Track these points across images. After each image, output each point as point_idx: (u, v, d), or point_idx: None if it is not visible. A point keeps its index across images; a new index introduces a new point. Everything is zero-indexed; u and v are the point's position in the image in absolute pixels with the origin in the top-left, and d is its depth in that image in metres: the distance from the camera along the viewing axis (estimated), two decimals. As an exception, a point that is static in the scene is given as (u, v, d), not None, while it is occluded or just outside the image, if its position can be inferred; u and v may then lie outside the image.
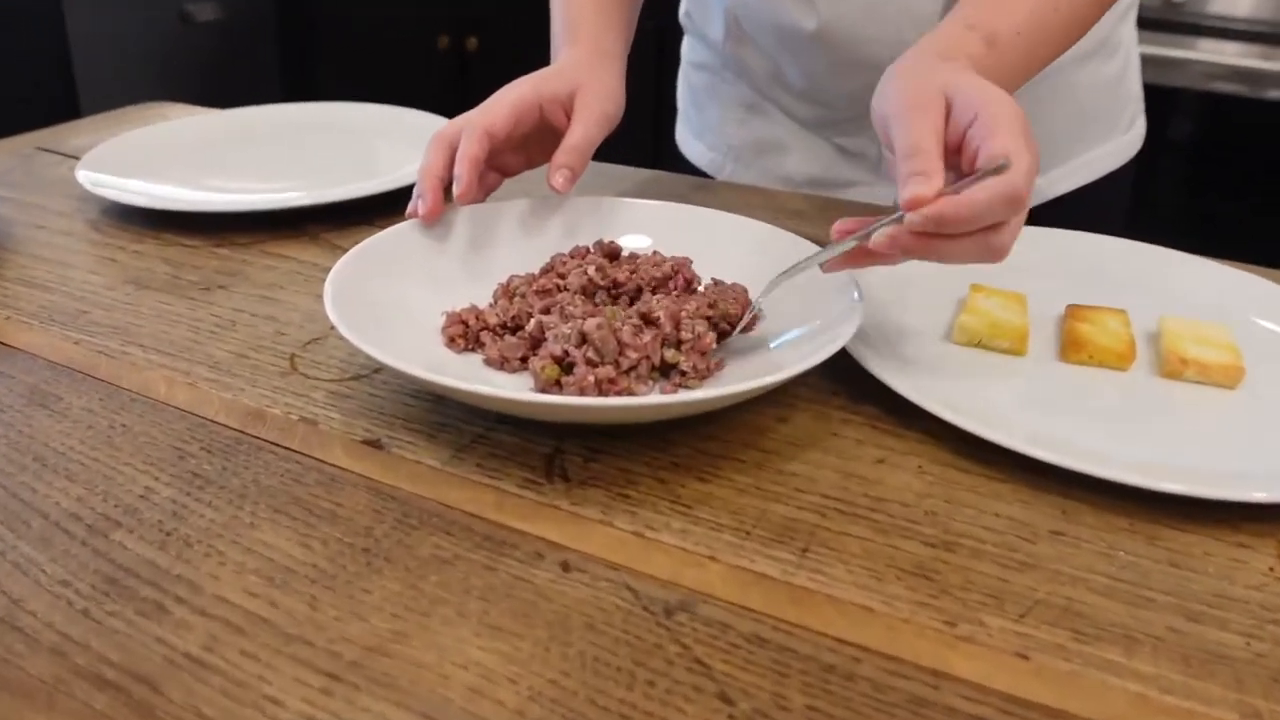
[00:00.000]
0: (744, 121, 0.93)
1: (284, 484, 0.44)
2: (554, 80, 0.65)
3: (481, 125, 0.60)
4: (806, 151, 0.91)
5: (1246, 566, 0.42)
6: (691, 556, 0.40)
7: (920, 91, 0.49)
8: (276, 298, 0.62)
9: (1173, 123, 1.99)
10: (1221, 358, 0.56)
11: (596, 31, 0.71)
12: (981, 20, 0.57)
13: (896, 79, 0.52)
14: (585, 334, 0.47)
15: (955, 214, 0.45)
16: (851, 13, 0.77)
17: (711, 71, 0.94)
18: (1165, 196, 2.07)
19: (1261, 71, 1.87)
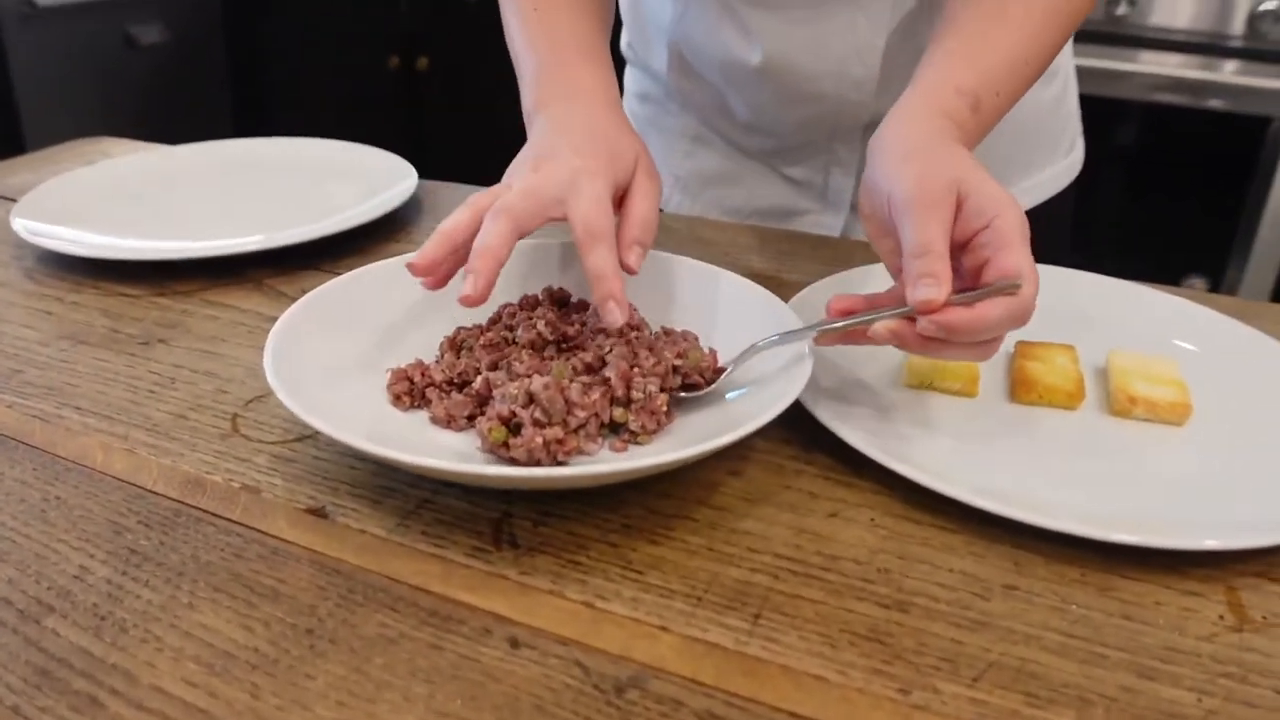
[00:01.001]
0: (690, 153, 0.93)
1: (224, 559, 0.43)
2: (622, 162, 0.57)
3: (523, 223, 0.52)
4: (754, 182, 0.91)
5: (1197, 615, 0.42)
6: (643, 627, 0.39)
7: (932, 186, 0.49)
8: (218, 351, 0.61)
9: (1117, 133, 2.03)
10: (1169, 395, 0.56)
11: (604, 80, 0.64)
12: (968, 84, 0.57)
13: (906, 163, 0.50)
14: (532, 394, 0.47)
15: (967, 326, 0.46)
16: (794, 47, 0.78)
17: (655, 103, 0.94)
18: (1110, 206, 2.11)
19: (1202, 82, 1.91)
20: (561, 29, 0.66)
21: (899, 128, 0.54)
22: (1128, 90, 1.95)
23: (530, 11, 0.67)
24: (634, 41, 0.94)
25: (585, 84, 0.63)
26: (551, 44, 0.66)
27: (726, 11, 0.79)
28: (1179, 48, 1.90)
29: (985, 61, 0.58)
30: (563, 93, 0.62)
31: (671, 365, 0.52)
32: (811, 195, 0.90)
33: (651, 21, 0.89)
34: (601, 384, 0.50)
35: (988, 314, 0.46)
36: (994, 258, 0.47)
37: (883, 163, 0.52)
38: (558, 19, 0.66)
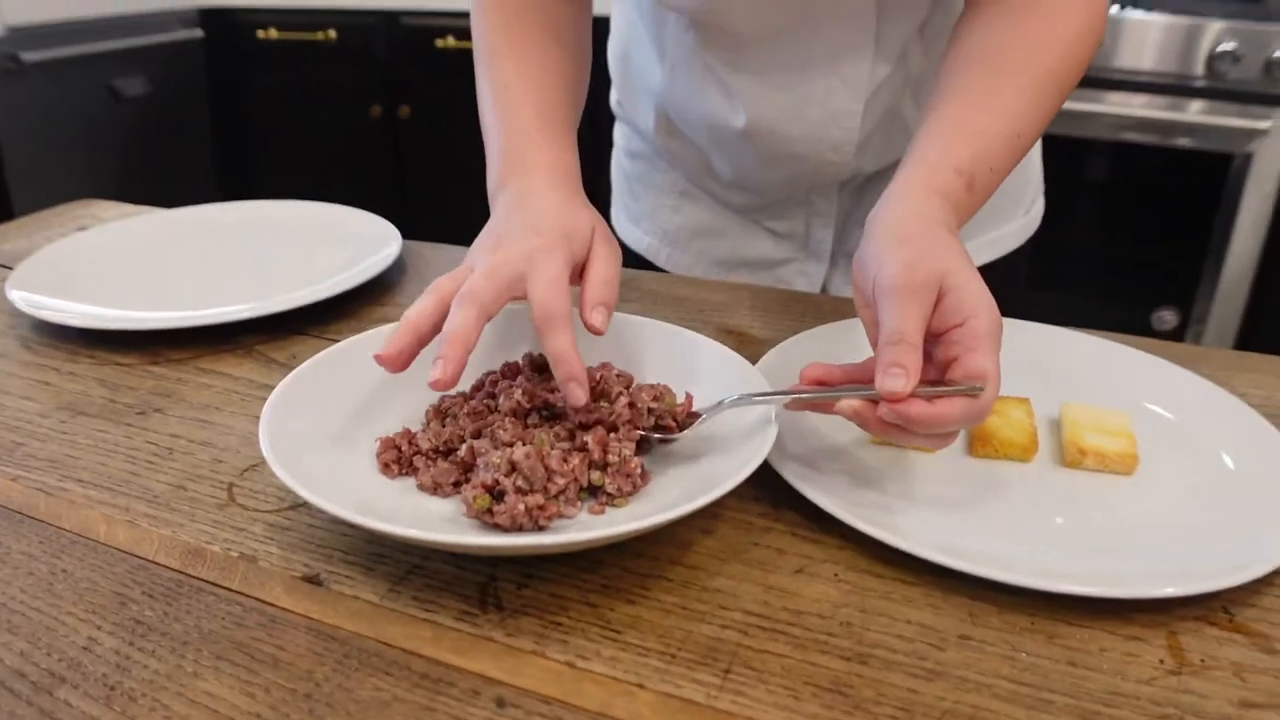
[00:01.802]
0: (678, 208, 0.97)
1: (225, 628, 0.45)
2: (578, 236, 0.59)
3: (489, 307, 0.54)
4: (739, 235, 0.96)
5: (1139, 660, 0.45)
6: (621, 685, 0.42)
7: (917, 276, 0.51)
8: (213, 420, 0.63)
9: (1088, 171, 2.08)
10: (1117, 446, 0.60)
11: (562, 157, 0.67)
12: (964, 163, 0.59)
13: (898, 248, 0.53)
14: (514, 463, 0.50)
15: (926, 420, 0.49)
16: (776, 112, 0.82)
17: (644, 160, 0.98)
18: (1083, 242, 2.16)
19: (1167, 121, 1.96)
20: (526, 107, 0.69)
21: (897, 207, 0.56)
22: (1096, 130, 2.01)
23: (501, 89, 0.70)
24: (623, 100, 0.98)
25: (543, 161, 0.65)
26: (515, 122, 0.68)
27: (711, 77, 0.83)
28: (1144, 88, 1.96)
29: (982, 139, 0.61)
30: (521, 171, 0.65)
31: (647, 407, 0.55)
32: (794, 246, 0.95)
33: (640, 84, 0.93)
34: (580, 449, 0.53)
35: (946, 412, 0.48)
36: (963, 357, 0.50)
37: (876, 242, 0.54)
38: (524, 98, 0.69)
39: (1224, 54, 1.86)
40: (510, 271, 0.55)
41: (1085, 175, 2.10)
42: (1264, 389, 0.71)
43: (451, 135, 2.45)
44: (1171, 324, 2.12)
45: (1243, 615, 0.48)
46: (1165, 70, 1.93)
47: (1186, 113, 1.95)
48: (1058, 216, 2.20)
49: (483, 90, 0.72)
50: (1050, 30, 0.65)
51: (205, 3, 2.51)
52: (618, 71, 0.97)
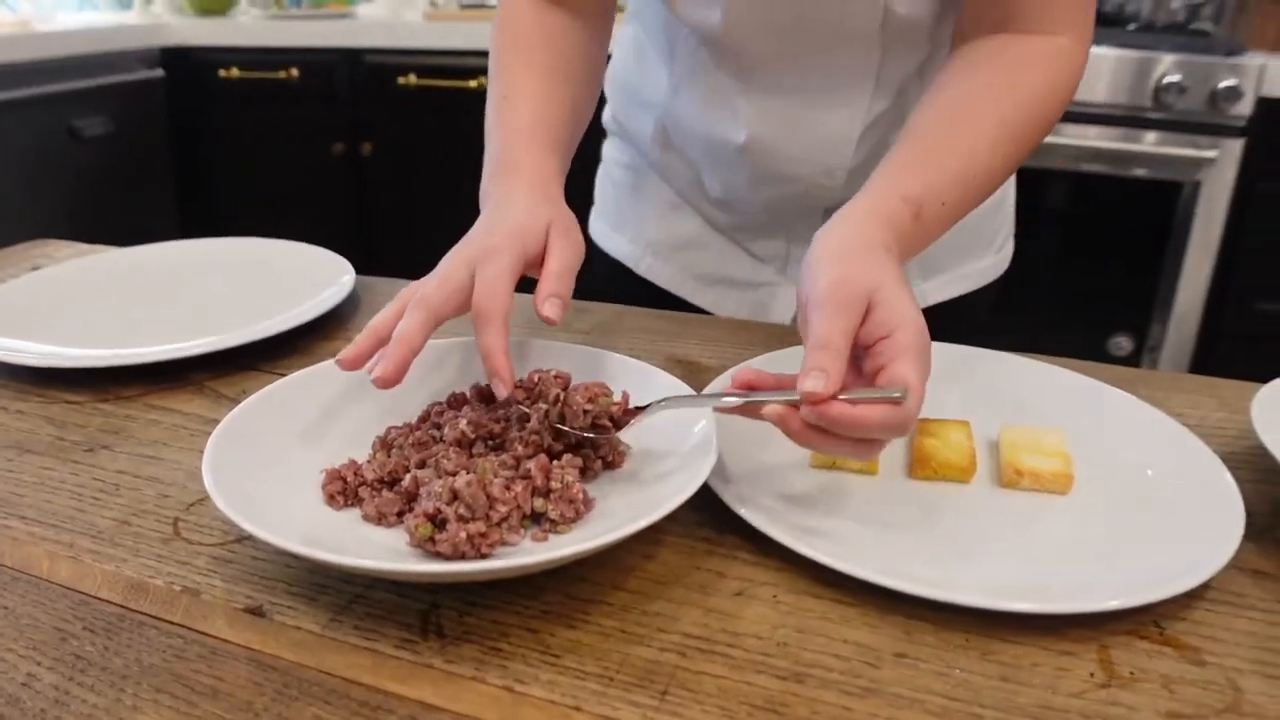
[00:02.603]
0: (665, 220, 1.00)
1: (166, 661, 0.45)
2: (531, 233, 0.62)
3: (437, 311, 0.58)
4: (722, 252, 0.99)
5: (1070, 674, 0.46)
6: (558, 709, 0.43)
7: (847, 290, 0.53)
8: (161, 456, 0.63)
9: (1044, 200, 2.12)
10: (1052, 466, 0.61)
11: (538, 158, 0.70)
12: (913, 192, 0.62)
13: (833, 264, 0.55)
14: (456, 491, 0.50)
15: (847, 421, 0.50)
16: (777, 131, 0.85)
17: (638, 171, 1.01)
18: (1041, 270, 2.19)
19: (1118, 151, 2.01)
20: (522, 117, 0.72)
21: (840, 228, 0.59)
22: (1051, 160, 2.05)
23: (500, 100, 0.74)
24: (619, 114, 1.01)
25: (525, 169, 0.68)
26: (508, 133, 0.72)
27: (718, 94, 0.86)
28: (1097, 120, 2.00)
29: (934, 173, 0.64)
30: (503, 179, 0.68)
31: (583, 409, 0.56)
32: (773, 267, 0.98)
33: (642, 98, 0.96)
34: (523, 477, 0.53)
35: (866, 415, 0.49)
36: (887, 366, 0.51)
37: (815, 259, 0.57)
38: (522, 108, 0.73)
39: (1170, 85, 1.91)
40: (461, 274, 0.58)
41: (1040, 204, 2.14)
42: (1200, 409, 0.73)
43: (414, 173, 2.47)
44: (1127, 349, 2.16)
45: (1173, 629, 0.49)
46: (1116, 102, 1.98)
47: (1137, 143, 1.99)
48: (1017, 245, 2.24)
49: (489, 100, 0.75)
50: (1014, 83, 0.68)
51: (166, 42, 2.51)
52: (619, 87, 1.00)
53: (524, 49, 0.77)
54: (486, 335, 0.56)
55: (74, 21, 2.60)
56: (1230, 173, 1.97)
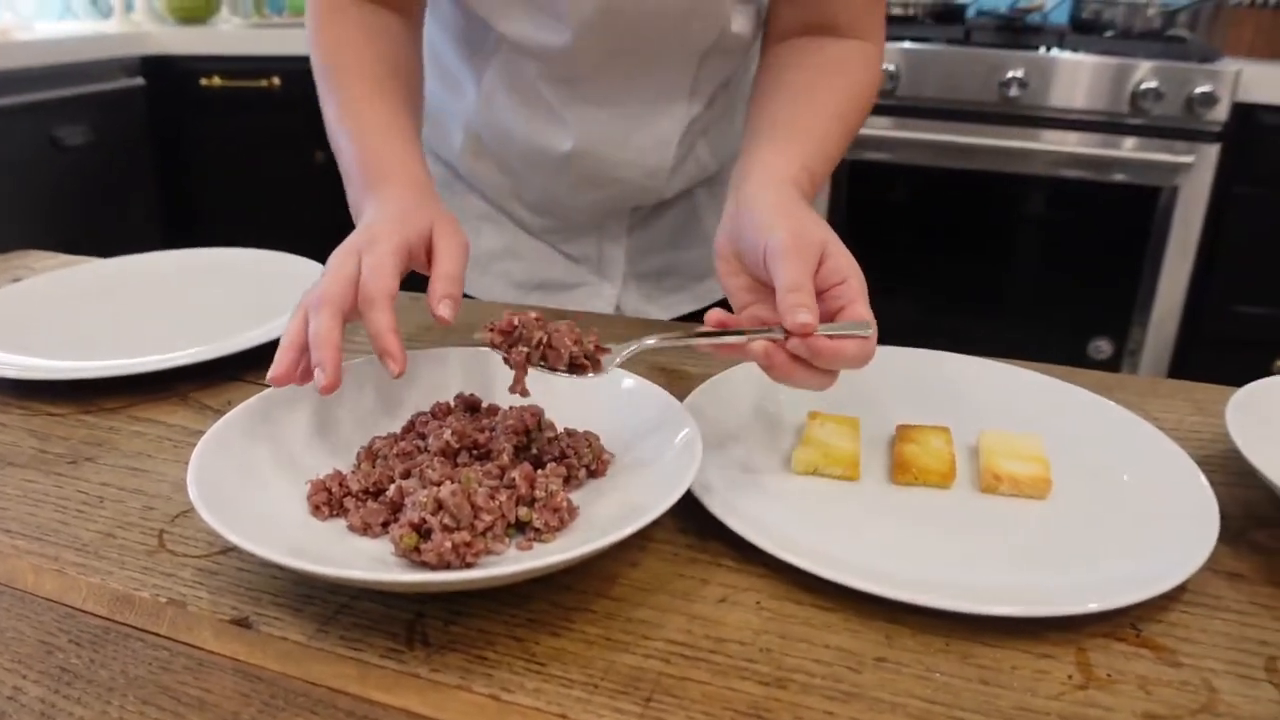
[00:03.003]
0: (478, 231, 1.00)
1: (152, 673, 0.46)
2: (413, 224, 0.63)
3: (340, 304, 0.57)
4: (535, 257, 1.00)
5: (1049, 676, 0.47)
6: (544, 716, 0.43)
7: (805, 240, 0.58)
8: (145, 468, 0.63)
9: (1024, 205, 2.14)
10: (1030, 471, 0.62)
11: (406, 163, 0.71)
12: (805, 160, 0.69)
13: (783, 219, 0.60)
14: (441, 501, 0.50)
15: (830, 353, 0.55)
16: (603, 138, 0.87)
17: (442, 185, 1.00)
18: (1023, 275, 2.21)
19: (1100, 157, 2.03)
20: (375, 125, 0.73)
21: (766, 191, 0.64)
22: (1032, 166, 2.07)
23: (344, 109, 0.75)
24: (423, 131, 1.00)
25: (388, 175, 0.69)
26: (366, 143, 0.72)
27: (542, 105, 0.88)
28: (1075, 126, 2.02)
29: (813, 142, 0.71)
30: (371, 190, 0.68)
31: (569, 350, 0.58)
32: (587, 268, 1.00)
33: (445, 106, 0.96)
34: (507, 487, 0.54)
35: (844, 347, 0.55)
36: (848, 307, 0.57)
37: (758, 216, 0.61)
38: (370, 115, 0.74)
39: (1147, 91, 1.93)
40: (349, 266, 0.59)
41: (1020, 210, 2.16)
42: (1176, 413, 0.74)
43: (398, 180, 2.46)
44: (1107, 353, 2.18)
45: (1149, 630, 0.50)
46: (1094, 108, 2.00)
47: (1115, 149, 2.01)
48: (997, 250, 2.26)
49: (331, 114, 0.76)
50: (841, 76, 0.78)
51: (147, 51, 2.50)
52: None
53: (352, 51, 0.78)
54: (374, 317, 0.57)
55: (54, 30, 2.58)
56: (1207, 177, 1.99)
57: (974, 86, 2.03)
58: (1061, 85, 2.00)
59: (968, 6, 2.44)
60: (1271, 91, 1.92)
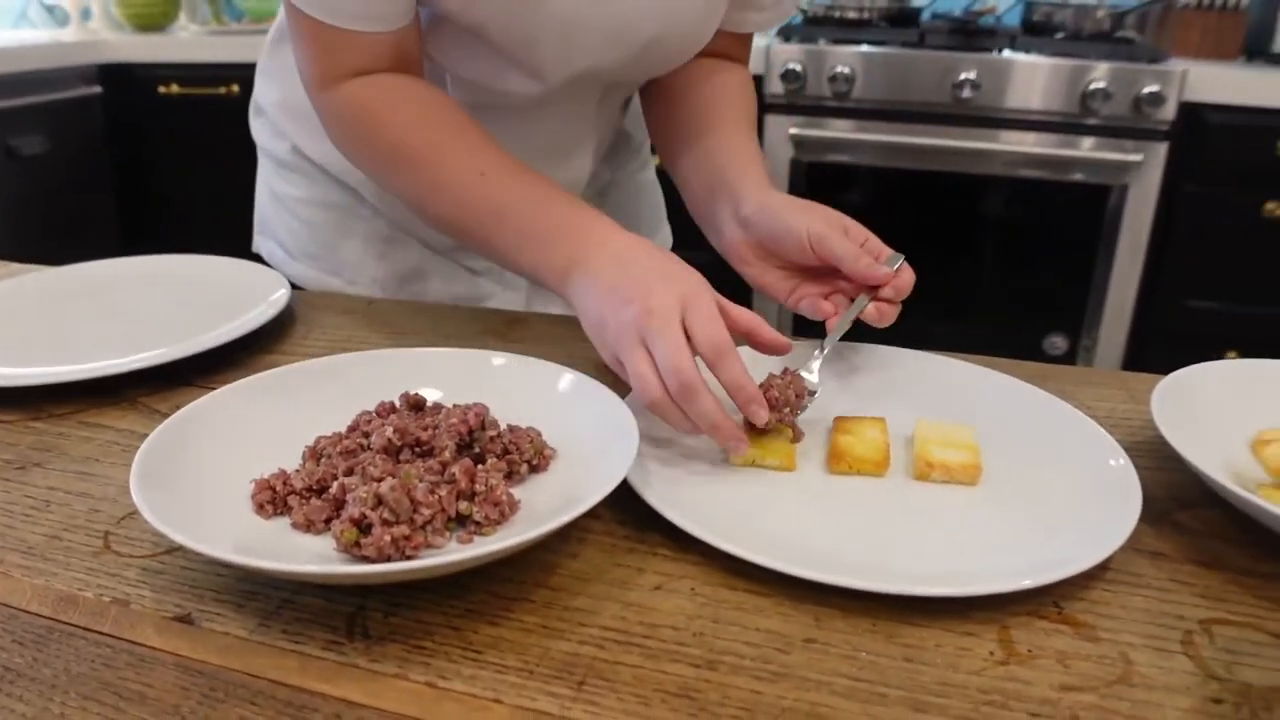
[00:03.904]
0: (384, 254, 1.01)
1: (94, 670, 0.46)
2: (699, 275, 0.67)
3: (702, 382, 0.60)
4: (443, 275, 1.01)
5: (971, 653, 0.49)
6: (478, 701, 0.44)
7: (832, 220, 0.75)
8: (93, 472, 0.64)
9: (979, 205, 2.17)
10: (961, 458, 0.64)
11: (601, 217, 0.72)
12: (761, 176, 0.82)
13: (803, 209, 0.76)
14: (380, 496, 0.52)
15: (905, 285, 0.73)
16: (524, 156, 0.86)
17: (344, 210, 1.00)
18: (973, 274, 2.24)
19: (1053, 157, 2.06)
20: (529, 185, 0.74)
21: (770, 199, 0.78)
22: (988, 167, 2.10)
23: (477, 176, 0.74)
24: (313, 151, 1.00)
25: (598, 228, 0.70)
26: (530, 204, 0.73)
27: None
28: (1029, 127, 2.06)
29: (755, 150, 0.87)
30: (591, 243, 0.69)
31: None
32: (490, 280, 1.02)
33: None
34: (448, 482, 0.55)
35: (906, 276, 0.73)
36: (880, 254, 0.74)
37: (785, 219, 0.75)
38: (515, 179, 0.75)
39: (1096, 92, 1.97)
40: (679, 336, 0.60)
41: (976, 210, 2.19)
42: (1109, 402, 0.76)
43: (359, 186, 2.46)
44: (1062, 349, 2.22)
45: (1071, 608, 0.52)
46: (1045, 109, 2.03)
47: (1066, 149, 2.05)
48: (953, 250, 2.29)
49: (445, 188, 0.76)
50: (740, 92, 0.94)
51: (104, 59, 2.49)
52: (303, 121, 0.97)
53: (437, 121, 0.78)
54: (732, 369, 0.61)
55: (10, 39, 2.56)
56: (1156, 175, 2.03)
57: (927, 88, 2.06)
58: (1013, 86, 2.04)
59: (923, 10, 2.48)
60: (1217, 91, 1.97)
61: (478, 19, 0.78)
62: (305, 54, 0.79)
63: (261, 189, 1.09)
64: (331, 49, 0.77)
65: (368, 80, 0.78)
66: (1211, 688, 0.47)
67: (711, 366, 0.61)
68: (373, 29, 0.76)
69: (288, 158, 1.02)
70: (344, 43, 0.76)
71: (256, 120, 1.07)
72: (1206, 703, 0.46)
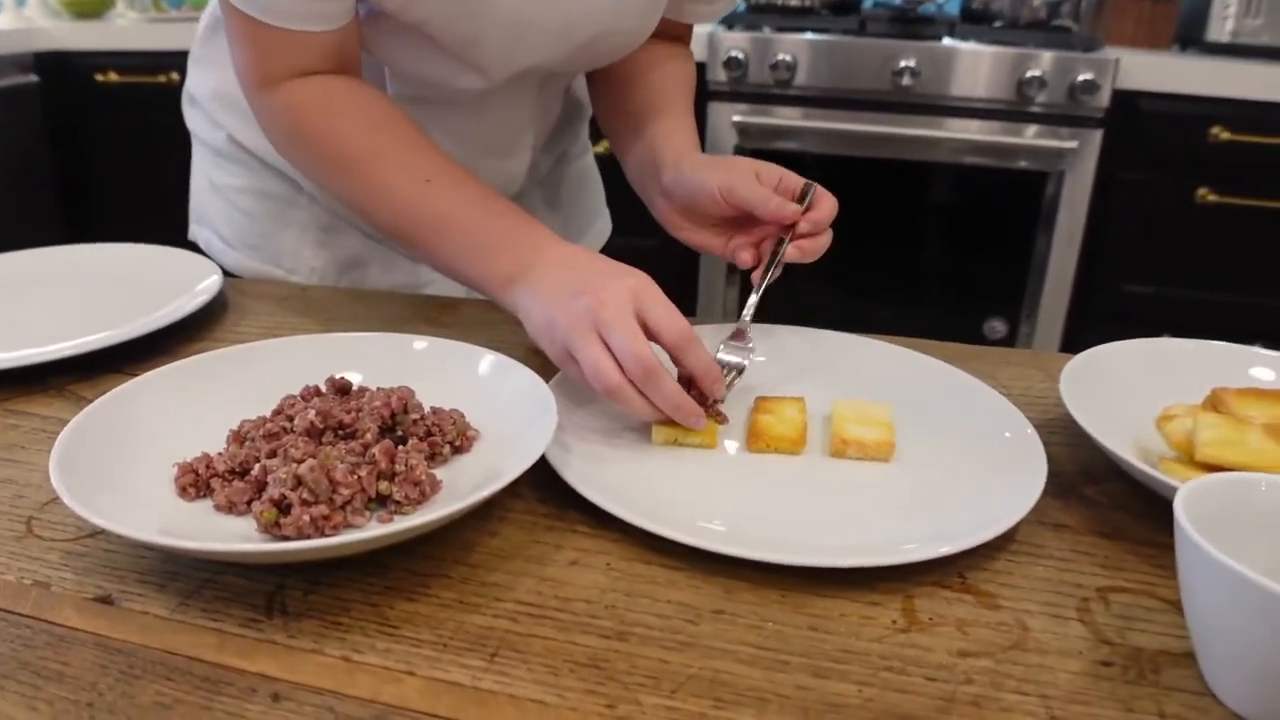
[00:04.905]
0: (322, 243, 1.00)
1: (13, 650, 0.47)
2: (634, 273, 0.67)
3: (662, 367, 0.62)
4: (382, 263, 1.01)
5: (874, 622, 0.51)
6: (391, 674, 0.46)
7: (739, 169, 0.78)
8: (17, 459, 0.64)
9: (919, 191, 2.21)
10: (875, 435, 0.66)
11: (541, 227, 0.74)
12: (684, 145, 0.86)
13: (718, 163, 0.80)
14: (299, 477, 0.53)
15: (822, 217, 0.77)
16: (464, 147, 0.87)
17: (280, 199, 1.00)
18: (914, 259, 2.28)
19: (992, 144, 2.10)
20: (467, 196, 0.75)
21: (686, 160, 0.82)
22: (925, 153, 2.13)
23: (422, 184, 0.74)
24: (254, 146, 0.99)
25: (546, 239, 0.72)
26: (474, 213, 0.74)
27: None
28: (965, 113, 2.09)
29: (689, 118, 0.91)
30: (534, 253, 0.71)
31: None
32: (428, 268, 1.00)
33: None
34: (369, 463, 0.56)
35: (823, 204, 0.78)
36: (793, 186, 0.79)
37: (698, 177, 0.79)
38: (459, 188, 0.75)
39: (1033, 79, 2.00)
40: (633, 326, 0.63)
41: (917, 196, 2.22)
42: (1025, 380, 0.79)
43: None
44: (1002, 333, 2.26)
45: (975, 578, 0.54)
46: (983, 96, 2.07)
47: (1004, 135, 2.08)
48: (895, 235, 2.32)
49: (388, 194, 0.76)
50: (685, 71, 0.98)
51: (40, 46, 2.44)
52: (239, 113, 0.95)
53: (381, 126, 0.78)
54: (699, 352, 0.65)
55: (-59, 26, 2.51)
56: (1091, 162, 2.07)
57: (868, 76, 2.08)
58: (952, 74, 2.07)
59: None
60: (1150, 79, 2.01)
61: (418, 17, 0.78)
62: (241, 54, 0.77)
63: (198, 178, 1.08)
64: (270, 49, 0.76)
65: (307, 81, 0.77)
66: (1103, 651, 0.49)
67: (678, 352, 0.64)
68: (313, 28, 0.74)
69: (224, 147, 1.01)
70: (283, 43, 0.75)
71: (190, 109, 1.06)
72: (1097, 665, 0.48)
